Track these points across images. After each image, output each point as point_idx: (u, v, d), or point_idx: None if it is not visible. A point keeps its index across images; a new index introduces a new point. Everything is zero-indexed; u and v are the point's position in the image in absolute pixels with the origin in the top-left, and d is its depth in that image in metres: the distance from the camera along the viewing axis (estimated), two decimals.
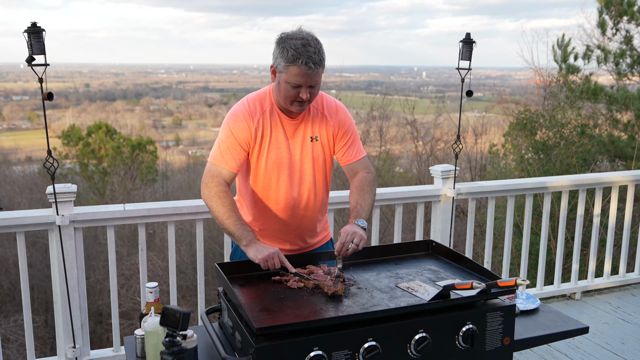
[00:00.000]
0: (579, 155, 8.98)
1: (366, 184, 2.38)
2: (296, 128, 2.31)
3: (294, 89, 2.13)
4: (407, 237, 8.65)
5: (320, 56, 2.11)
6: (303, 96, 2.14)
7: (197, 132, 46.19)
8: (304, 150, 2.32)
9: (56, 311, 3.12)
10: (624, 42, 10.60)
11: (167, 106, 53.87)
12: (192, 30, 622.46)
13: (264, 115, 2.26)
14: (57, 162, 2.76)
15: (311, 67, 2.08)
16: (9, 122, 46.84)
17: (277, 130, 2.28)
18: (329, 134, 2.36)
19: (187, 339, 1.80)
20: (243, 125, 2.24)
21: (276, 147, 2.28)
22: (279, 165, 2.30)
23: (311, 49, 2.09)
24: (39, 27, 2.54)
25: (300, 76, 2.10)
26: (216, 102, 55.30)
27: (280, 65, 2.13)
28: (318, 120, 2.34)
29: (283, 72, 2.13)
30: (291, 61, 2.08)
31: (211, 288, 8.67)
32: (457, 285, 1.88)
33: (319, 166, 2.37)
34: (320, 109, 2.35)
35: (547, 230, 4.21)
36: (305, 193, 2.36)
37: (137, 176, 21.01)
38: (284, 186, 2.32)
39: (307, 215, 2.41)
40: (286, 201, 2.34)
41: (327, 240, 2.60)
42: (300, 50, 2.07)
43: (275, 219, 2.38)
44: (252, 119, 2.25)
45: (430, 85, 43.29)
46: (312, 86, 2.15)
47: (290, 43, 2.09)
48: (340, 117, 2.37)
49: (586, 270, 4.56)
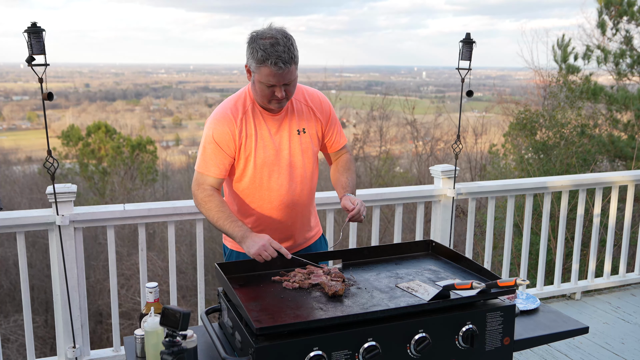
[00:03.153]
0: (579, 155, 8.98)
1: (352, 164, 2.53)
2: (280, 123, 2.30)
3: (268, 89, 2.14)
4: (407, 237, 8.65)
5: (290, 54, 2.08)
6: (278, 95, 2.14)
7: (197, 132, 46.14)
8: (292, 144, 2.32)
9: (56, 311, 3.12)
10: (624, 42, 10.60)
11: (167, 106, 53.84)
12: (193, 30, 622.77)
13: (246, 115, 2.25)
14: (57, 162, 2.76)
15: (281, 67, 2.07)
16: (9, 122, 46.83)
17: (261, 129, 2.27)
18: (317, 125, 2.38)
19: (187, 339, 1.80)
20: (225, 129, 2.22)
21: (263, 146, 2.27)
22: (269, 164, 2.29)
23: (280, 47, 2.06)
24: (39, 27, 2.54)
25: (271, 76, 2.09)
26: (216, 102, 55.10)
27: (252, 66, 2.13)
28: (304, 112, 2.34)
29: (255, 73, 2.13)
30: (261, 62, 2.07)
31: (211, 288, 8.68)
32: (457, 285, 1.88)
33: (308, 157, 2.37)
34: (303, 101, 2.35)
35: (547, 230, 4.21)
36: (298, 187, 2.36)
37: (137, 176, 20.99)
38: (276, 183, 2.32)
39: (301, 208, 2.42)
40: (280, 198, 2.34)
41: (319, 236, 2.60)
42: (269, 51, 2.05)
43: (271, 218, 2.37)
44: (234, 121, 2.23)
45: (430, 85, 43.26)
46: (286, 84, 2.14)
47: (260, 43, 2.08)
48: (325, 107, 2.40)
49: (586, 270, 4.56)
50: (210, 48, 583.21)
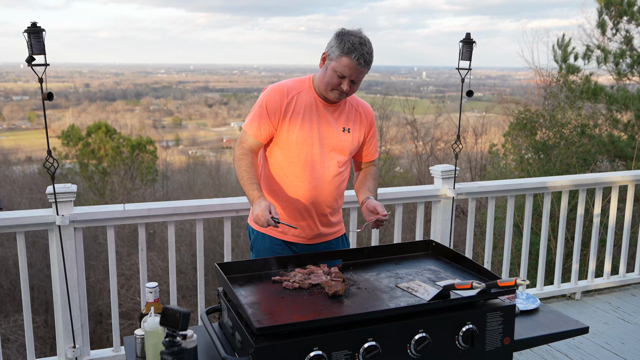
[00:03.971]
0: (579, 155, 8.98)
1: (378, 176, 2.69)
2: (331, 114, 2.44)
3: (338, 78, 2.29)
4: (407, 237, 8.65)
5: (371, 57, 2.29)
6: (344, 87, 2.30)
7: (197, 132, 46.21)
8: (333, 137, 2.44)
9: (56, 311, 3.12)
10: (624, 42, 10.60)
11: (167, 106, 53.88)
12: (194, 31, 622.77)
13: (300, 95, 2.40)
14: (57, 162, 2.76)
15: (361, 63, 2.25)
16: (9, 122, 46.85)
17: (311, 111, 2.40)
18: (361, 130, 2.52)
19: (187, 339, 1.80)
20: (276, 97, 2.38)
21: (308, 127, 2.39)
22: (307, 145, 2.40)
23: (366, 48, 2.26)
24: (38, 27, 2.54)
25: (348, 68, 2.26)
26: (216, 102, 55.33)
27: (333, 54, 2.28)
28: (353, 114, 2.50)
29: (334, 60, 2.28)
30: (346, 52, 2.24)
31: (211, 288, 8.68)
32: (457, 285, 1.88)
33: (344, 154, 2.49)
34: (355, 105, 2.52)
35: (547, 230, 4.21)
36: (327, 176, 2.46)
37: (137, 176, 21.01)
38: (309, 165, 2.42)
39: (325, 197, 2.48)
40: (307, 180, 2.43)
41: (340, 234, 2.65)
42: (357, 46, 2.24)
43: (293, 198, 2.44)
44: (287, 95, 2.38)
45: (430, 85, 43.29)
46: (354, 81, 2.30)
47: (350, 38, 2.26)
48: (371, 118, 2.58)
49: (586, 270, 4.56)
50: (210, 48, 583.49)
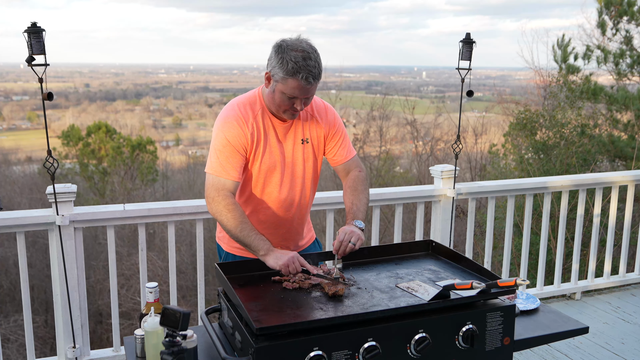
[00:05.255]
0: (579, 155, 8.98)
1: (360, 183, 2.40)
2: (287, 131, 2.28)
3: (289, 100, 2.11)
4: (407, 237, 8.65)
5: (319, 69, 2.08)
6: (297, 107, 2.13)
7: (197, 132, 46.17)
8: (295, 153, 2.31)
9: (56, 311, 3.12)
10: (624, 42, 10.60)
11: (167, 106, 53.85)
12: (194, 31, 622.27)
13: (256, 120, 2.22)
14: (57, 162, 2.76)
15: (310, 81, 2.06)
16: (9, 122, 46.83)
17: (269, 134, 2.24)
18: (319, 135, 2.35)
19: (187, 339, 1.80)
20: (238, 131, 2.18)
21: (269, 152, 2.25)
22: (272, 170, 2.27)
23: (311, 62, 2.05)
24: (38, 27, 2.54)
25: (298, 89, 2.07)
26: (216, 102, 55.27)
27: (277, 75, 2.08)
28: (308, 122, 2.32)
29: (280, 83, 2.08)
30: (291, 74, 2.04)
31: (211, 288, 8.68)
32: (457, 285, 1.88)
33: (309, 167, 2.35)
34: (309, 111, 2.33)
35: (547, 230, 4.21)
36: (296, 195, 2.35)
37: (137, 176, 20.99)
38: (276, 190, 2.31)
39: (295, 216, 2.40)
40: (278, 204, 2.33)
41: (312, 241, 2.60)
42: (301, 64, 2.03)
43: (265, 222, 2.35)
44: (246, 124, 2.19)
45: (430, 85, 43.27)
46: (307, 97, 2.13)
47: (291, 55, 2.04)
48: (330, 118, 2.37)
49: (586, 270, 4.56)
50: (210, 48, 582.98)
